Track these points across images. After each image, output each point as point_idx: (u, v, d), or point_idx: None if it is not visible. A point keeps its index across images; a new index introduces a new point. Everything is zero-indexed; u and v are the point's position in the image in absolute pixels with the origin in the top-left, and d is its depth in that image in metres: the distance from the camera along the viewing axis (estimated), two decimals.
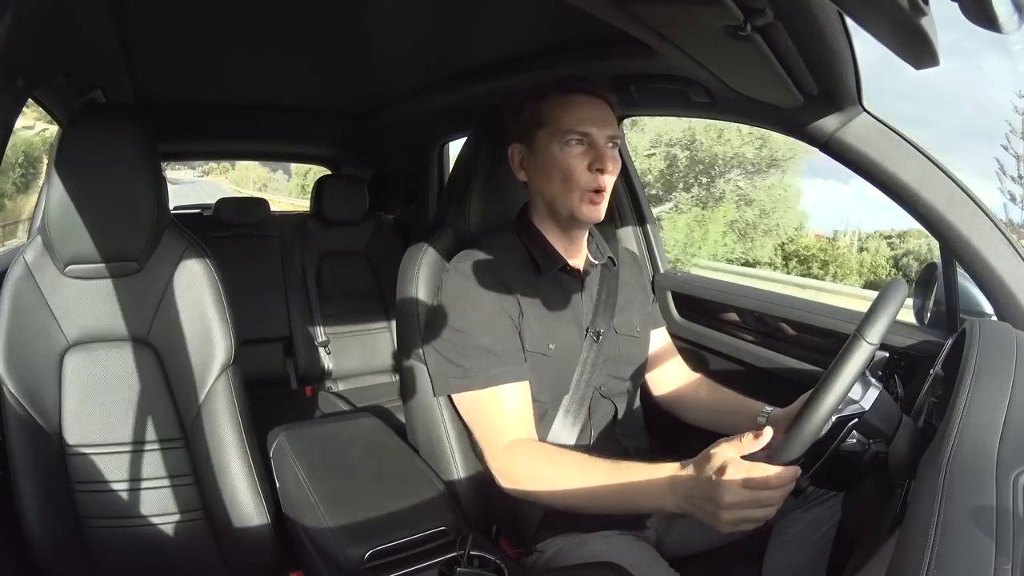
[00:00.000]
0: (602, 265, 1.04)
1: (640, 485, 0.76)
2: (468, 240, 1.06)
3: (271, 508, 1.04)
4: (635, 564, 0.84)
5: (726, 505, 0.65)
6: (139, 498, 1.02)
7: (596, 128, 0.91)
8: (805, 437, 0.63)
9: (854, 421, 0.67)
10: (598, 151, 0.90)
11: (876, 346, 0.63)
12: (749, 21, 0.67)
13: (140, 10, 1.19)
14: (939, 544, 0.44)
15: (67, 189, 0.97)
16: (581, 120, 0.91)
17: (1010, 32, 0.44)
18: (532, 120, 0.95)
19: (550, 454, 0.88)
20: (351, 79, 1.89)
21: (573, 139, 0.91)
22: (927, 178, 0.90)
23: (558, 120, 0.92)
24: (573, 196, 0.92)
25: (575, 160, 0.91)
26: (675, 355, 1.16)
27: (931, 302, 1.07)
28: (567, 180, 0.91)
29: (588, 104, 0.93)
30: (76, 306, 1.01)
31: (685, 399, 1.10)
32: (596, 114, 0.92)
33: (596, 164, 0.90)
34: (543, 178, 0.94)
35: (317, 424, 1.26)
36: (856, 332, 0.64)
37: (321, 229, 2.22)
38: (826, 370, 0.65)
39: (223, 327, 1.03)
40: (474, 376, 0.90)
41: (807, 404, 0.65)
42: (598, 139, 0.91)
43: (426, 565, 0.82)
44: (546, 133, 0.93)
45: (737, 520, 0.65)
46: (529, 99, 0.96)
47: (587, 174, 0.91)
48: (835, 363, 0.64)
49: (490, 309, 0.91)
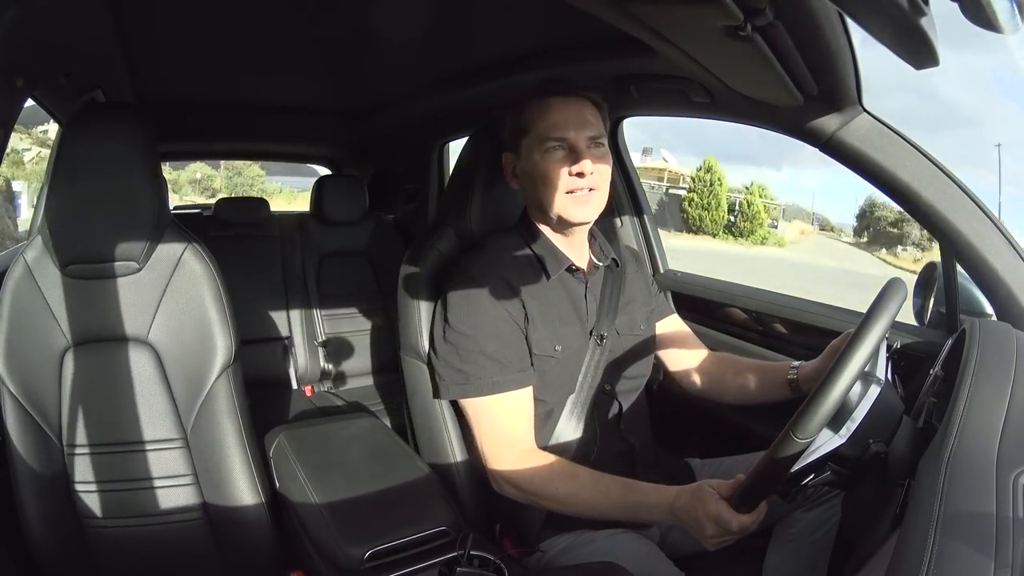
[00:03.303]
0: (606, 266, 1.04)
1: (647, 506, 0.83)
2: (469, 240, 1.06)
3: (271, 508, 1.04)
4: (640, 563, 0.85)
5: (708, 535, 0.76)
6: (139, 498, 1.02)
7: (573, 131, 0.91)
8: (756, 494, 0.71)
9: (827, 457, 0.67)
10: (576, 154, 0.91)
11: (808, 440, 0.62)
12: (749, 21, 0.67)
13: (140, 10, 1.19)
14: (939, 544, 0.44)
15: (67, 189, 0.97)
16: (556, 125, 0.91)
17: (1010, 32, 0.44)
18: (516, 130, 0.96)
19: (564, 471, 0.89)
20: (351, 79, 1.89)
21: (551, 145, 0.91)
22: (927, 178, 0.90)
23: (536, 128, 0.93)
24: (558, 199, 0.92)
25: (555, 166, 0.91)
26: (691, 338, 1.16)
27: (931, 302, 1.07)
28: (550, 185, 0.92)
29: (564, 107, 0.93)
30: (76, 306, 1.01)
31: (712, 377, 1.11)
32: (572, 116, 0.92)
33: (575, 168, 0.90)
34: (531, 185, 0.96)
35: (317, 424, 1.26)
36: (787, 429, 0.62)
37: (321, 229, 2.22)
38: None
39: (223, 327, 1.03)
40: (477, 383, 0.90)
41: (756, 465, 0.68)
42: (576, 142, 0.91)
43: (426, 565, 0.82)
44: (528, 142, 0.94)
45: (718, 544, 0.76)
46: (512, 109, 0.97)
47: (568, 178, 0.91)
48: (768, 452, 0.65)
49: (496, 315, 0.91)
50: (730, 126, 1.21)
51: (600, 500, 0.85)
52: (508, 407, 0.90)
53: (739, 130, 3.66)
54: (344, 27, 1.34)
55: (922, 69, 0.68)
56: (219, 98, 2.04)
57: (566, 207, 0.92)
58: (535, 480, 0.88)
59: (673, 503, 0.80)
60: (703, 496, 0.76)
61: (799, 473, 0.67)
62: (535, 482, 0.88)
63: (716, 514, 0.74)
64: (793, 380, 0.98)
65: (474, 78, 1.57)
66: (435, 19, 1.24)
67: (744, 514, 0.73)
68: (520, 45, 1.38)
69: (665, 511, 0.81)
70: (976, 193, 0.90)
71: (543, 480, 0.88)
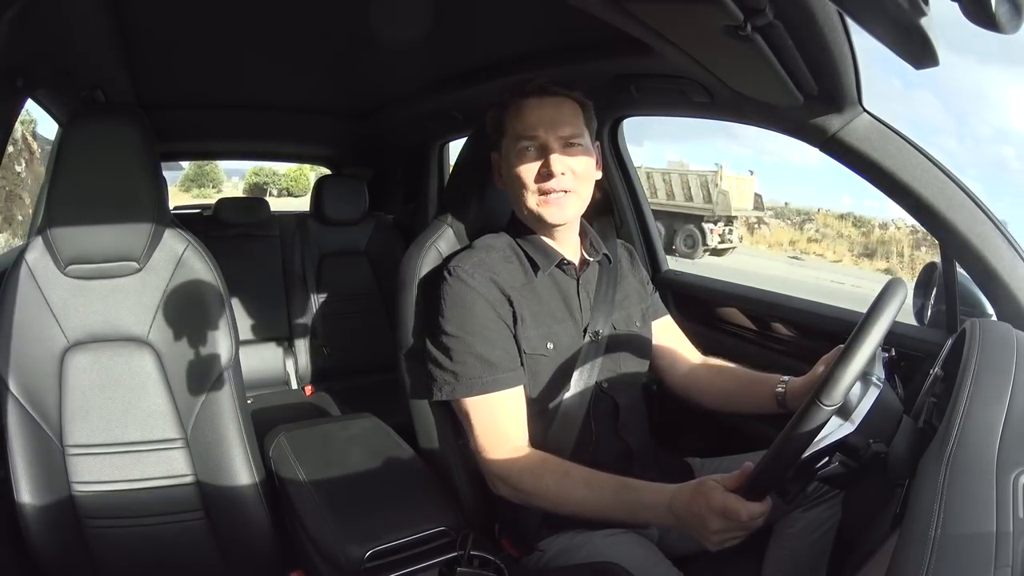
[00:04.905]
0: (598, 262, 1.03)
1: (643, 504, 0.81)
2: (467, 240, 1.06)
3: (271, 508, 1.04)
4: (638, 563, 0.84)
5: (711, 531, 0.72)
6: (139, 498, 1.02)
7: (544, 130, 0.91)
8: (768, 480, 0.68)
9: (837, 445, 0.66)
10: (547, 155, 0.90)
11: (834, 408, 0.62)
12: (749, 21, 0.67)
13: (140, 10, 1.19)
14: (939, 544, 0.44)
15: (67, 189, 0.97)
16: (529, 125, 0.91)
17: (1010, 32, 0.44)
18: (495, 130, 0.96)
19: (555, 468, 0.87)
20: (351, 79, 1.89)
21: (524, 145, 0.91)
22: (927, 178, 0.90)
23: (511, 128, 0.93)
24: (530, 200, 0.92)
25: (527, 166, 0.91)
26: (684, 341, 1.15)
27: (931, 302, 1.07)
28: (523, 186, 0.92)
29: (538, 106, 0.92)
30: (76, 306, 1.01)
31: (700, 383, 1.10)
32: (546, 116, 0.91)
33: (543, 170, 0.90)
34: (510, 185, 0.96)
35: (317, 424, 1.26)
36: (814, 397, 0.62)
37: (321, 229, 2.22)
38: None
39: (223, 327, 1.03)
40: (468, 383, 0.90)
41: (773, 445, 0.66)
42: (547, 141, 0.90)
43: (426, 565, 0.82)
44: (506, 142, 0.94)
45: (721, 541, 0.73)
46: (491, 109, 0.97)
47: (540, 180, 0.91)
48: (791, 423, 0.64)
49: (484, 315, 0.91)
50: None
51: (593, 498, 0.83)
52: (499, 406, 0.90)
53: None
54: (344, 27, 1.34)
55: (922, 69, 0.68)
56: (219, 98, 2.04)
57: (539, 208, 0.92)
58: (525, 478, 0.88)
59: (671, 501, 0.77)
60: (706, 490, 0.73)
61: (811, 459, 0.66)
62: (526, 480, 0.88)
63: (723, 506, 0.70)
64: (781, 395, 0.97)
65: (474, 78, 1.57)
66: (435, 19, 1.24)
67: (754, 503, 0.69)
68: (520, 45, 1.38)
69: (663, 510, 0.78)
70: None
71: (534, 477, 0.87)
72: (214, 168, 19.17)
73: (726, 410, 1.07)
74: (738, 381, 1.05)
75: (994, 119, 23.90)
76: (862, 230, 17.92)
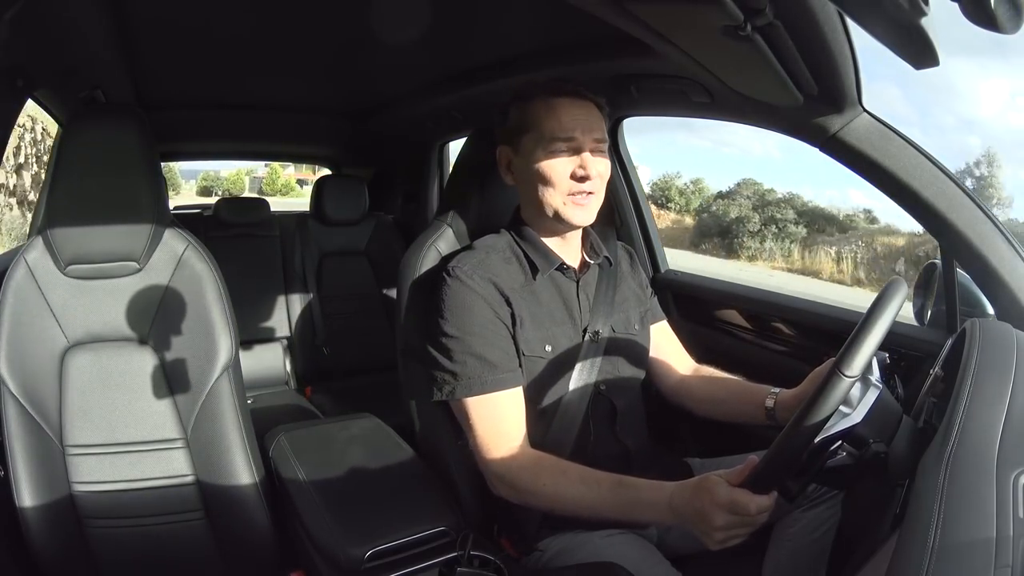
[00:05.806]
0: (598, 264, 1.03)
1: (641, 502, 0.80)
2: (467, 240, 1.06)
3: (271, 508, 1.04)
4: (637, 563, 0.84)
5: (715, 527, 0.71)
6: (139, 498, 1.02)
7: (580, 132, 0.91)
8: (779, 469, 0.67)
9: (844, 434, 0.66)
10: (582, 157, 0.90)
11: (856, 378, 0.62)
12: (749, 21, 0.67)
13: (140, 10, 1.19)
14: (939, 544, 0.44)
15: (67, 189, 0.97)
16: (565, 125, 0.91)
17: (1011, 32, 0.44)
18: (518, 124, 0.95)
19: (552, 467, 0.87)
20: (351, 79, 1.89)
21: (558, 146, 0.91)
22: (927, 178, 0.90)
23: (543, 125, 0.92)
24: (558, 200, 0.92)
25: (559, 166, 0.91)
26: (678, 348, 1.15)
27: (931, 302, 1.07)
28: (552, 185, 0.92)
29: (573, 107, 0.92)
30: (77, 306, 1.01)
31: (692, 390, 1.10)
32: (581, 118, 0.92)
33: (580, 171, 0.90)
34: (529, 182, 0.94)
35: (317, 424, 1.26)
36: (834, 368, 0.62)
37: (321, 229, 2.22)
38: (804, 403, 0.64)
39: (223, 327, 1.03)
40: (467, 383, 0.90)
41: (781, 434, 0.65)
42: (583, 144, 0.91)
43: (426, 565, 0.82)
44: (531, 138, 0.93)
45: (724, 539, 0.72)
46: (515, 103, 0.96)
47: (571, 180, 0.91)
48: (810, 398, 0.63)
49: (485, 317, 0.91)
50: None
51: (590, 496, 0.83)
52: (498, 406, 0.90)
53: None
54: (344, 27, 1.34)
55: (922, 69, 0.68)
56: (219, 98, 2.04)
57: (565, 209, 0.92)
58: (524, 476, 0.87)
59: (672, 498, 0.76)
60: (710, 485, 0.72)
61: (821, 446, 0.66)
62: (524, 478, 0.87)
63: (729, 500, 0.69)
64: (770, 408, 0.96)
65: (474, 78, 1.57)
66: (435, 19, 1.24)
67: (762, 495, 0.68)
68: (520, 45, 1.38)
69: (663, 507, 0.77)
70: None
71: (532, 476, 0.87)
72: (171, 171, 19.75)
73: (716, 418, 1.07)
74: (729, 391, 1.05)
75: (960, 109, 24.04)
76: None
